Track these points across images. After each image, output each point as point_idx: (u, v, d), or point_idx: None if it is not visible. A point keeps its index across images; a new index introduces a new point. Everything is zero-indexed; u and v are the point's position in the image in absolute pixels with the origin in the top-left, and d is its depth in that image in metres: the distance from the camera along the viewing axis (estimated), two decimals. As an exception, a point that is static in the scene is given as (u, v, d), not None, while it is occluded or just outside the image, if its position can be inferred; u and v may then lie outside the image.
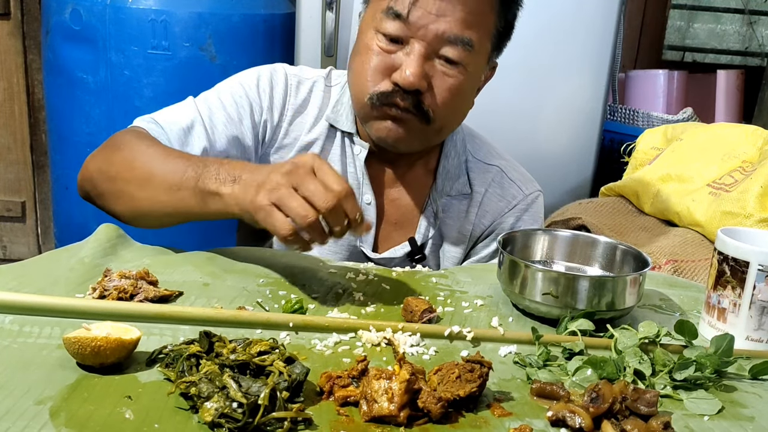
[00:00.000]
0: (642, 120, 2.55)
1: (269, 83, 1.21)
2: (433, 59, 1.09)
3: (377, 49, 1.09)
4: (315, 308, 0.93)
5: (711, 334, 0.89)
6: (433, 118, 1.11)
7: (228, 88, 1.21)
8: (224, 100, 1.19)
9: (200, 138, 1.14)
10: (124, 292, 0.87)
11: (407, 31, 1.07)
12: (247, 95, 1.19)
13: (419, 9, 1.05)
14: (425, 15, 1.05)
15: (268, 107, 1.21)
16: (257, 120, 1.20)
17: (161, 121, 1.15)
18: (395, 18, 1.06)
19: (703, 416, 0.75)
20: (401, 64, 1.08)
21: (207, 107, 1.18)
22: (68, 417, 0.64)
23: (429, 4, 1.05)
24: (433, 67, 1.09)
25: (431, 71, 1.09)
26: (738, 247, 0.90)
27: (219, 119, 1.17)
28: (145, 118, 1.17)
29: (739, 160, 1.69)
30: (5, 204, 2.91)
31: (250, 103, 1.19)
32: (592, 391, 0.70)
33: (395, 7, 1.06)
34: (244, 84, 1.21)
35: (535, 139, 2.19)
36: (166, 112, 1.18)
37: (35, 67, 2.76)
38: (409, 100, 1.08)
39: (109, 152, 1.09)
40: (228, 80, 1.23)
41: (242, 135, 1.18)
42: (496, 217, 1.29)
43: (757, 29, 3.11)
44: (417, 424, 0.68)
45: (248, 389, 0.65)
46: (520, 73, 2.07)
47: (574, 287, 0.91)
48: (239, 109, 1.18)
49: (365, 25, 1.13)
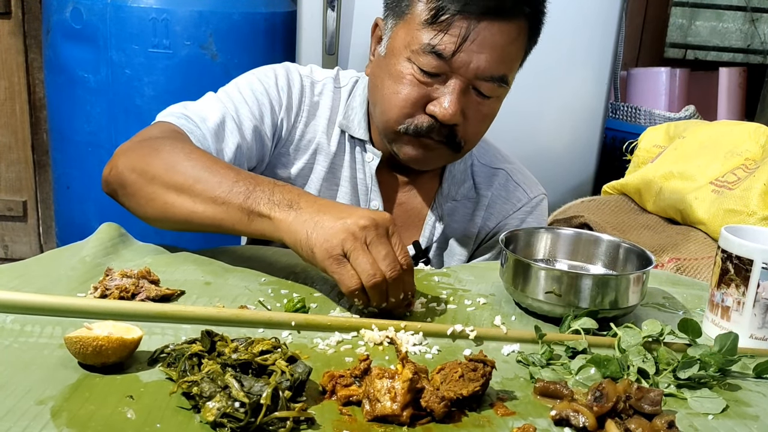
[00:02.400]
0: (644, 118, 2.55)
1: (287, 82, 1.21)
2: (470, 93, 1.10)
3: (413, 80, 1.08)
4: (317, 307, 0.92)
5: (715, 333, 0.88)
6: (464, 147, 1.15)
7: (247, 84, 1.19)
8: (246, 95, 1.17)
9: (233, 134, 1.13)
10: (125, 291, 0.86)
11: (447, 68, 1.06)
12: (267, 92, 1.18)
13: (462, 51, 1.05)
14: (468, 53, 1.05)
15: (287, 106, 1.20)
16: (276, 118, 1.19)
17: (193, 116, 1.12)
18: (436, 57, 1.05)
19: (707, 415, 0.75)
20: (437, 96, 1.08)
21: (232, 102, 1.16)
22: (70, 417, 0.63)
23: (471, 46, 1.04)
24: (468, 100, 1.10)
25: (466, 104, 1.10)
26: (742, 244, 0.90)
27: (245, 114, 1.15)
28: (175, 112, 1.13)
29: (741, 157, 1.68)
30: (7, 203, 2.91)
31: (270, 100, 1.18)
32: (596, 390, 0.70)
33: (437, 47, 1.05)
34: (263, 81, 1.19)
35: (537, 137, 2.19)
36: (194, 106, 1.15)
37: (36, 66, 2.76)
38: (444, 133, 1.10)
39: (146, 152, 1.03)
40: (244, 77, 1.21)
41: (263, 132, 1.17)
42: (501, 219, 1.30)
43: (759, 27, 3.10)
44: (420, 423, 0.68)
45: (250, 389, 0.65)
46: (522, 71, 2.05)
47: (577, 285, 0.91)
48: (260, 105, 1.17)
49: (396, 47, 1.10)
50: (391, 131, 1.13)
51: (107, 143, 2.06)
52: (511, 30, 1.07)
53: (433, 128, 1.10)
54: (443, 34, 1.04)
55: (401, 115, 1.10)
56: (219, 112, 1.14)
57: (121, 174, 1.04)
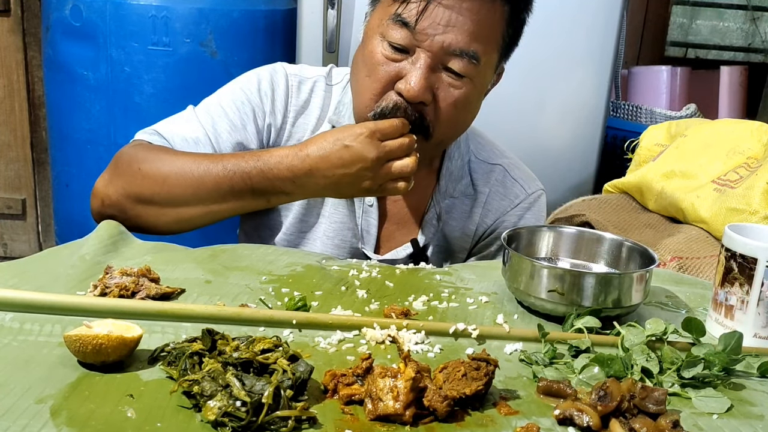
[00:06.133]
0: (645, 116, 2.54)
1: (270, 85, 1.20)
2: (440, 71, 1.06)
3: (381, 59, 1.06)
4: (318, 305, 0.92)
5: (718, 332, 0.88)
6: (432, 133, 1.09)
7: (229, 95, 1.19)
8: (226, 107, 1.17)
9: (206, 149, 1.13)
10: (125, 289, 0.86)
11: (414, 40, 1.04)
12: (248, 100, 1.18)
13: (427, 19, 1.02)
14: (433, 25, 1.03)
15: (271, 111, 1.19)
16: (261, 125, 1.18)
17: (164, 132, 1.14)
18: (402, 26, 1.04)
19: (712, 414, 0.74)
20: (406, 74, 1.05)
21: (209, 116, 1.16)
22: (69, 416, 0.63)
23: (438, 14, 1.02)
24: (439, 79, 1.06)
25: (437, 83, 1.06)
26: (746, 243, 0.89)
27: (222, 127, 1.15)
28: (147, 131, 1.16)
29: (744, 156, 1.67)
30: (6, 201, 2.91)
31: (253, 107, 1.18)
32: (600, 389, 0.69)
33: (403, 14, 1.03)
34: (244, 89, 1.19)
35: (537, 135, 2.18)
36: (167, 123, 1.17)
37: (35, 64, 2.75)
38: (412, 115, 1.06)
39: (131, 175, 1.07)
40: (228, 86, 1.21)
41: (247, 140, 1.16)
42: (499, 215, 1.28)
43: (761, 25, 3.10)
44: (422, 422, 0.67)
45: (252, 387, 0.65)
46: (523, 69, 2.05)
47: (580, 284, 0.91)
48: (242, 114, 1.17)
49: (371, 29, 1.10)
50: (363, 118, 1.10)
51: (106, 141, 2.06)
52: (482, 6, 1.04)
53: (399, 107, 1.06)
54: (408, 2, 1.03)
55: (371, 98, 1.08)
56: (192, 128, 1.15)
57: (115, 202, 1.09)
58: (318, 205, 1.22)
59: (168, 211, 1.07)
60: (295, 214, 1.22)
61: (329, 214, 1.22)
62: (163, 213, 1.07)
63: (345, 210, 1.22)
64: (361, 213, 1.21)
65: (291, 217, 1.22)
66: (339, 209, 1.22)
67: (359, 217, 1.21)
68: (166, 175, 1.06)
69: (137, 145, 1.13)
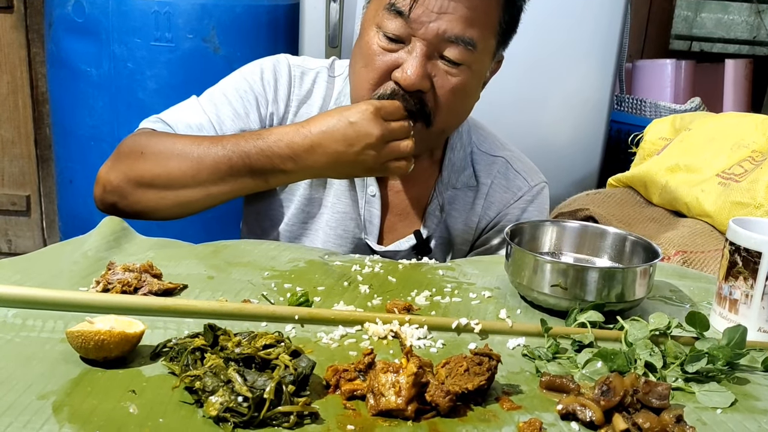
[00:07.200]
0: (649, 110, 2.53)
1: (273, 75, 1.20)
2: (436, 59, 1.06)
3: (378, 49, 1.07)
4: (320, 301, 0.92)
5: (722, 326, 0.87)
6: (433, 120, 1.10)
7: (232, 84, 1.20)
8: (229, 95, 1.18)
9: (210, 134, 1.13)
10: (127, 285, 0.86)
11: (408, 29, 1.04)
12: (251, 89, 1.19)
13: (421, 6, 1.03)
14: (427, 13, 1.03)
15: (273, 99, 1.20)
16: (263, 113, 1.19)
17: (168, 120, 1.15)
18: (397, 15, 1.04)
19: (715, 409, 0.74)
20: (402, 63, 1.06)
21: (212, 105, 1.17)
22: (71, 411, 0.63)
23: (431, 1, 1.03)
24: (435, 67, 1.07)
25: (434, 71, 1.07)
26: (751, 237, 0.89)
27: (226, 115, 1.16)
28: (151, 119, 1.17)
29: (748, 149, 1.67)
30: (10, 198, 2.91)
31: (256, 96, 1.18)
32: (603, 384, 0.69)
33: (397, 3, 1.04)
34: (247, 78, 1.20)
35: (541, 129, 2.18)
36: (171, 111, 1.18)
37: (38, 60, 2.75)
38: (411, 103, 1.06)
39: (133, 159, 1.09)
40: (231, 75, 1.22)
41: (249, 128, 1.17)
42: (502, 208, 1.28)
43: (765, 18, 3.08)
44: (425, 417, 0.67)
45: (254, 383, 0.65)
46: (527, 63, 2.05)
47: (583, 279, 0.90)
48: (245, 103, 1.18)
49: (367, 21, 1.11)
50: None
51: (110, 137, 2.06)
52: None
53: (397, 94, 1.06)
54: None
55: (369, 88, 1.08)
56: (196, 116, 1.16)
57: (116, 187, 1.09)
58: (320, 195, 1.22)
59: (168, 194, 1.07)
60: (297, 205, 1.22)
61: (332, 204, 1.22)
62: (163, 196, 1.07)
63: (347, 200, 1.22)
64: (364, 203, 1.21)
65: (293, 208, 1.22)
66: (341, 199, 1.22)
67: (362, 207, 1.21)
68: (168, 156, 1.06)
69: (141, 132, 1.14)
